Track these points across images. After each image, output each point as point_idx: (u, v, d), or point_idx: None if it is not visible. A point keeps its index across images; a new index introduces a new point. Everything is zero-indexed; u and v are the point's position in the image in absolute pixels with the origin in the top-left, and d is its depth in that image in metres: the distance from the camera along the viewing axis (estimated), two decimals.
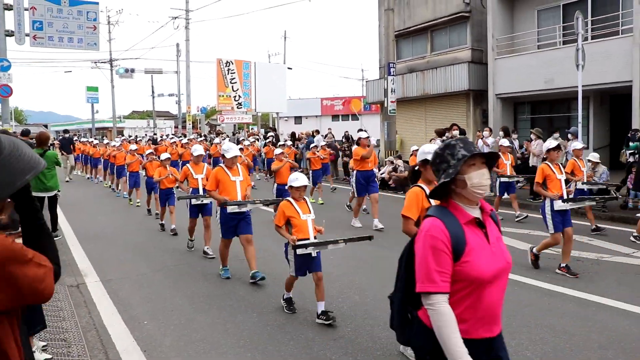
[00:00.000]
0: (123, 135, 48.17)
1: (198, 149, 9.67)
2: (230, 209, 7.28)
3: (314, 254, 5.78)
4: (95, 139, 29.33)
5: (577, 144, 10.36)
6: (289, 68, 38.69)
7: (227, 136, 28.62)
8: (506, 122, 19.67)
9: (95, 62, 45.96)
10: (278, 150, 12.82)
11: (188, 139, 23.59)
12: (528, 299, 6.51)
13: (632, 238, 9.59)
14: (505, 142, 12.57)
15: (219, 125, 51.32)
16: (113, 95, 46.52)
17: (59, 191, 10.51)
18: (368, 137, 11.58)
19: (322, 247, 5.79)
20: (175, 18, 35.07)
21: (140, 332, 5.62)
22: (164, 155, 11.43)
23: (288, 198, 6.09)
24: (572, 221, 7.77)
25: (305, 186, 6.07)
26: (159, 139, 32.89)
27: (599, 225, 10.48)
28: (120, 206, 15.40)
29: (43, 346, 4.96)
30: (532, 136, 14.97)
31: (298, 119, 51.16)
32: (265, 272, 7.37)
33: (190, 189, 9.23)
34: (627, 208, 12.04)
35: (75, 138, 31.11)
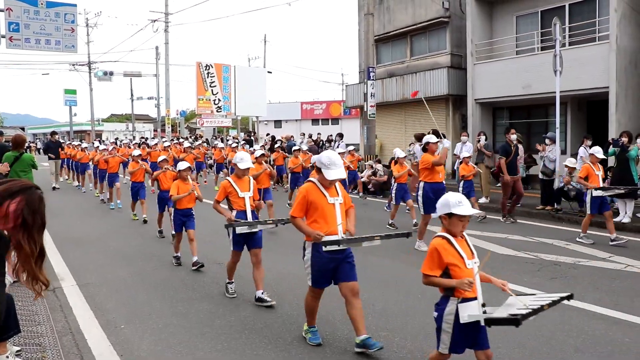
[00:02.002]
0: (101, 139, 47.80)
1: (245, 159, 7.02)
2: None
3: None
4: (82, 141, 26.66)
5: (597, 151, 10.21)
6: (268, 72, 38.71)
7: (244, 139, 27.15)
8: (485, 127, 19.83)
9: (74, 65, 45.52)
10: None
11: (193, 142, 23.21)
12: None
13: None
14: (597, 150, 10.30)
15: (199, 128, 51.18)
16: (91, 98, 46.13)
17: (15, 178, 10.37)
18: (438, 140, 9.63)
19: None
20: (155, 21, 34.83)
21: (116, 337, 5.55)
22: (182, 165, 8.71)
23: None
24: (556, 227, 7.85)
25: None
26: (151, 141, 30.90)
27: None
28: (99, 211, 15.23)
29: (17, 351, 4.88)
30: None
31: (278, 123, 51.09)
32: (242, 276, 7.33)
33: (234, 212, 6.80)
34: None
35: (62, 141, 26.47)
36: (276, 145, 19.36)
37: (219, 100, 31.14)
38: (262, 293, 6.56)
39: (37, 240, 2.55)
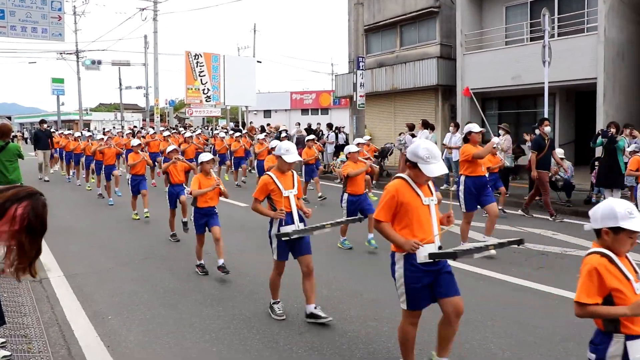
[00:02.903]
0: (89, 128, 47.53)
1: (292, 150, 5.73)
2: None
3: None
4: (70, 129, 26.30)
5: None
6: (258, 61, 38.57)
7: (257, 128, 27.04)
8: (474, 117, 19.85)
9: (61, 53, 45.04)
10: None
11: (194, 132, 22.18)
12: (493, 293, 6.59)
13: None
14: None
15: (188, 118, 50.99)
16: (79, 87, 45.69)
17: (21, 184, 10.29)
18: (481, 130, 8.65)
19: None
20: (143, 9, 34.52)
21: (104, 328, 5.53)
22: (205, 156, 7.65)
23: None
24: (544, 217, 7.89)
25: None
26: (144, 131, 28.96)
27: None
28: (87, 202, 15.12)
29: (2, 342, 4.85)
30: (501, 131, 15.12)
31: (267, 113, 51.00)
32: (232, 267, 7.33)
33: (285, 213, 5.57)
34: (591, 203, 12.24)
35: (52, 130, 24.80)
36: (282, 135, 18.40)
37: (208, 89, 31.06)
38: (316, 308, 5.63)
39: (38, 242, 2.80)
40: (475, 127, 8.53)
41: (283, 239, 5.32)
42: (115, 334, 5.38)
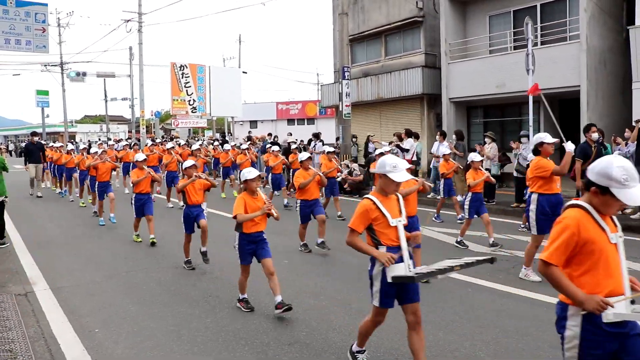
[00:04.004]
0: (74, 140, 47.18)
1: (400, 166, 4.41)
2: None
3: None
4: (54, 141, 24.84)
5: None
6: (243, 72, 38.61)
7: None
8: (459, 125, 19.98)
9: (46, 65, 44.81)
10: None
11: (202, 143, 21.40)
12: (481, 301, 6.61)
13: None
14: None
15: (174, 129, 50.82)
16: (64, 99, 45.48)
17: (6, 197, 10.21)
18: (555, 141, 7.61)
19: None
20: (128, 21, 34.45)
21: (91, 341, 5.47)
22: (250, 173, 6.37)
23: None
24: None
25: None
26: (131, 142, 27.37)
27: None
28: (71, 213, 15.00)
29: None
30: (486, 139, 15.22)
31: (254, 123, 51.02)
32: (219, 278, 7.30)
33: (383, 249, 4.33)
34: None
35: (44, 142, 22.86)
36: (293, 147, 17.41)
37: (194, 100, 31.05)
38: None
39: None
40: (547, 138, 7.47)
41: (398, 281, 4.19)
42: (102, 348, 5.32)
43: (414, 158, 17.37)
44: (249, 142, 22.51)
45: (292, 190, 15.72)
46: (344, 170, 17.90)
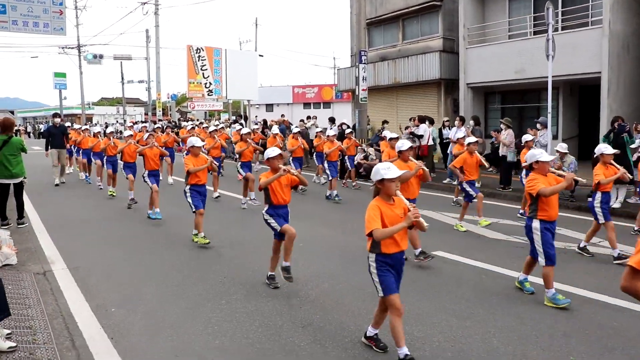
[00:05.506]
0: (92, 122, 47.48)
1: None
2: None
3: None
4: (88, 124, 22.29)
5: None
6: (260, 55, 38.53)
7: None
8: (477, 111, 19.84)
9: (63, 48, 45.07)
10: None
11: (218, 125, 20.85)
12: (495, 288, 6.58)
13: (632, 232, 9.49)
14: None
15: (190, 112, 50.97)
16: (81, 82, 45.73)
17: (25, 178, 10.31)
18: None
19: None
20: (145, 3, 34.54)
21: (107, 320, 5.54)
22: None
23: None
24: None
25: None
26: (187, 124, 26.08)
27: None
28: (90, 194, 15.10)
29: (7, 334, 4.87)
30: (502, 126, 15.08)
31: (269, 107, 50.90)
32: (233, 260, 7.33)
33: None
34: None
35: (67, 124, 19.71)
36: (347, 131, 16.20)
37: (210, 83, 31.05)
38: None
39: None
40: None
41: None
42: (119, 326, 5.39)
43: (430, 142, 17.30)
44: (239, 124, 22.03)
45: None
46: (360, 154, 17.84)
